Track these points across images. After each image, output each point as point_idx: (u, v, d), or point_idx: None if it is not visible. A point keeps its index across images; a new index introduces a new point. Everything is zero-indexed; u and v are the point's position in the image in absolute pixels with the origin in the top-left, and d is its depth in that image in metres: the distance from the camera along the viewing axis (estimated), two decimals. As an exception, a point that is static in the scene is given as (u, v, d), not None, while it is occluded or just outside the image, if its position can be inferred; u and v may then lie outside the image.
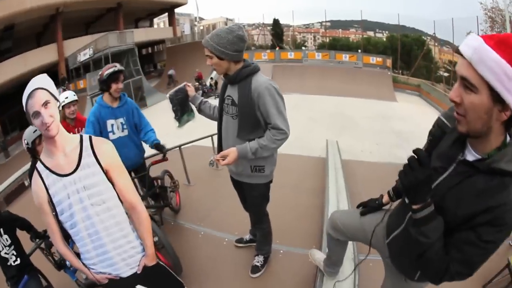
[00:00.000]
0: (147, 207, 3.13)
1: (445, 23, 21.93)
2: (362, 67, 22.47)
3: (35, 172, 1.60)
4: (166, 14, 36.56)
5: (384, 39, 29.63)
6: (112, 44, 21.21)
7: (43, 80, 1.53)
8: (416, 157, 1.12)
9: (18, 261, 2.94)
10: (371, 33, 31.40)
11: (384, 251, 1.71)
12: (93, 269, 1.74)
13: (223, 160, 2.21)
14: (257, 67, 2.25)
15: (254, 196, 2.59)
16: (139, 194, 2.64)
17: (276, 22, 35.11)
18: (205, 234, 3.81)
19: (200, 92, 20.59)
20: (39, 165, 1.60)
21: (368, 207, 1.90)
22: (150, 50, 38.59)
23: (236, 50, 2.11)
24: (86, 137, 1.67)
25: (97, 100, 3.29)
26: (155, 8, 34.21)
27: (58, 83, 24.16)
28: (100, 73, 3.19)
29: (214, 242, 3.64)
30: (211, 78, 22.06)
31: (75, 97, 3.96)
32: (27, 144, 2.76)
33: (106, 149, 1.69)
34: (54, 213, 1.62)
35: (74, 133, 3.77)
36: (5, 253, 2.88)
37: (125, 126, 3.36)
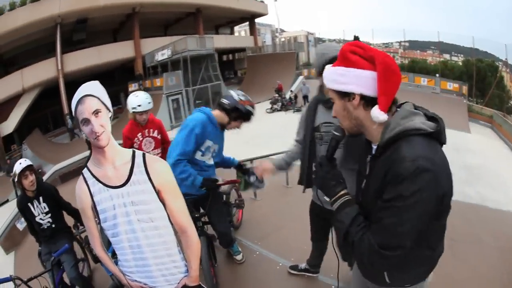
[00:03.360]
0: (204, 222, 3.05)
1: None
2: (440, 93, 21.13)
3: (81, 178, 1.55)
4: (247, 23, 37.45)
5: (460, 63, 27.38)
6: (191, 48, 21.92)
7: (95, 88, 1.46)
8: (321, 160, 1.38)
9: (53, 226, 3.23)
10: (447, 56, 29.59)
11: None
12: (129, 276, 1.69)
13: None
14: None
15: None
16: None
17: (356, 39, 34.16)
18: (260, 254, 3.68)
19: (280, 104, 20.86)
20: (85, 172, 1.55)
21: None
22: (230, 57, 39.66)
23: None
24: (139, 153, 1.58)
25: (206, 111, 2.74)
26: (236, 16, 35.12)
27: (134, 78, 25.76)
28: (239, 99, 2.70)
29: (267, 264, 3.51)
30: (291, 91, 22.14)
31: (150, 106, 3.58)
32: (13, 175, 3.00)
33: (160, 168, 1.58)
34: (96, 219, 1.58)
35: (143, 134, 3.73)
36: (40, 218, 3.16)
37: (214, 155, 2.91)
